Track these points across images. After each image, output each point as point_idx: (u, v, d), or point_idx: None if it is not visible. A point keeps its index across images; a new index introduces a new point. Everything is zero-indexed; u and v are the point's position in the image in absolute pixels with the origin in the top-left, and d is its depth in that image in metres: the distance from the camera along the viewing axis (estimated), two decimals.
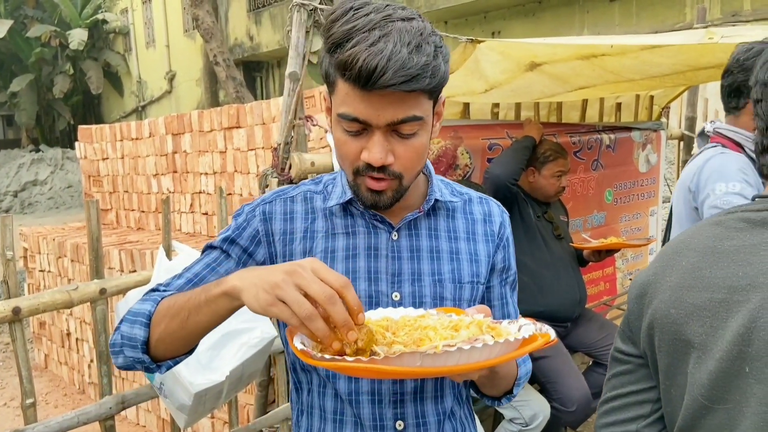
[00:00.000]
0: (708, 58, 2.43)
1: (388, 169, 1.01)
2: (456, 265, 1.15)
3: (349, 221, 1.15)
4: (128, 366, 1.06)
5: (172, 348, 1.03)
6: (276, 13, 14.73)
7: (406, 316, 0.95)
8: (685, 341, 0.88)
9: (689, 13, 8.45)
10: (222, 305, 0.92)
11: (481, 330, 0.87)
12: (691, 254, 0.93)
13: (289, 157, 2.52)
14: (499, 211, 1.25)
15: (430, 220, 1.17)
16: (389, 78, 0.91)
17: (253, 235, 1.15)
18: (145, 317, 1.02)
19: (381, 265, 1.12)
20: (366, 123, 0.98)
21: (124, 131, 5.74)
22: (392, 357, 0.78)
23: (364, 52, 0.91)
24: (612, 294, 4.20)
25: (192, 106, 17.45)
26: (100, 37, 20.60)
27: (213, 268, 1.13)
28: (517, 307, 1.28)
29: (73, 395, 5.08)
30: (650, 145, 4.35)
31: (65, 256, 5.06)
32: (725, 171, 1.86)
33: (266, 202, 1.18)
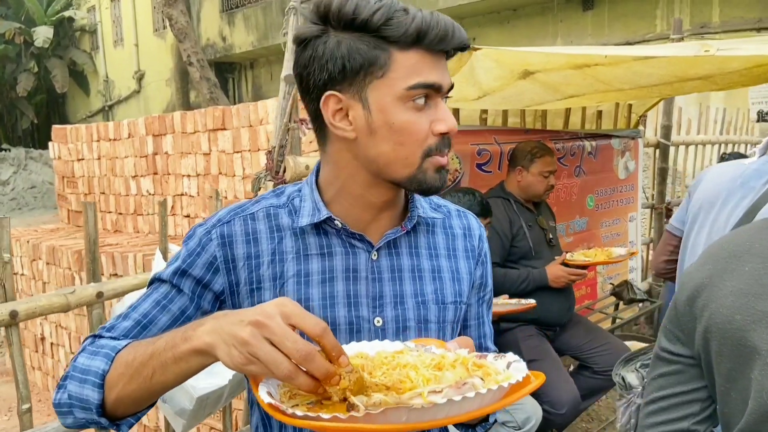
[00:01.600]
0: (696, 70, 2.50)
1: (450, 139, 0.97)
2: (439, 285, 1.07)
3: (324, 241, 1.03)
4: (79, 426, 0.95)
5: (134, 407, 0.92)
6: (250, 14, 14.62)
7: (383, 351, 0.85)
8: (752, 348, 0.87)
9: (659, 24, 8.68)
10: (194, 363, 0.82)
11: (467, 370, 0.79)
12: (756, 260, 0.92)
13: (284, 161, 2.52)
14: (477, 225, 1.18)
15: (411, 238, 1.08)
16: (459, 36, 0.93)
17: (210, 262, 1.01)
18: (98, 377, 0.89)
19: (361, 289, 1.02)
20: (436, 89, 0.94)
21: (101, 131, 5.64)
22: (374, 413, 0.69)
23: (430, 16, 0.91)
24: (593, 298, 4.29)
25: (161, 106, 17.19)
26: (66, 35, 20.14)
27: (164, 306, 1.00)
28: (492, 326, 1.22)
29: (47, 401, 4.95)
30: (629, 153, 4.45)
31: (40, 258, 4.94)
32: None
33: (223, 223, 1.03)
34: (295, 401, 0.77)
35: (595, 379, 3.03)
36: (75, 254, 4.53)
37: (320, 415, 0.69)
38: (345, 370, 0.74)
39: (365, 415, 0.69)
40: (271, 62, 15.47)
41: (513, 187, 3.02)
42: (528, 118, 3.70)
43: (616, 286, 4.07)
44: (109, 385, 0.89)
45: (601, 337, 3.10)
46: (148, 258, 4.05)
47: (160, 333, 0.94)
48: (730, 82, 2.63)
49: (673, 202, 4.96)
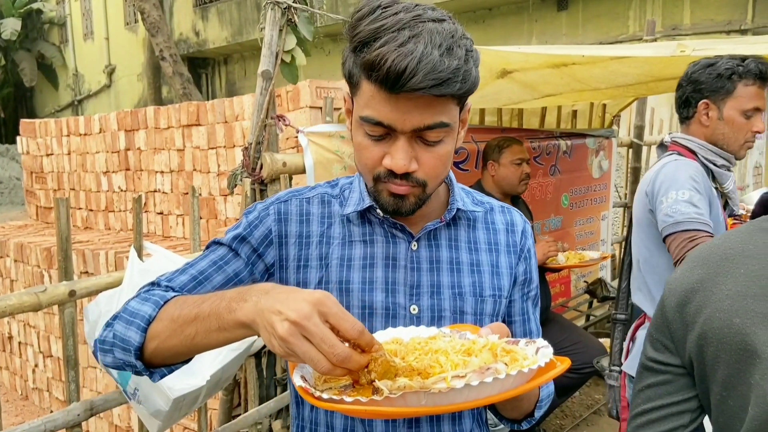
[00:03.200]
0: (671, 70, 2.54)
1: (411, 176, 0.96)
2: (477, 278, 1.10)
3: (367, 229, 1.09)
4: (117, 366, 0.99)
5: (170, 360, 0.96)
6: (224, 9, 14.46)
7: (417, 337, 0.89)
8: (752, 351, 0.85)
9: (632, 25, 8.80)
10: (239, 334, 0.86)
11: (494, 355, 0.81)
12: (751, 261, 0.90)
13: (261, 157, 2.49)
14: (522, 220, 1.19)
15: (451, 231, 1.11)
16: (419, 81, 0.86)
17: (265, 235, 1.08)
18: (144, 321, 0.94)
19: (399, 276, 1.07)
20: (390, 128, 0.93)
21: (71, 126, 5.52)
22: (393, 397, 0.72)
23: (393, 53, 0.86)
24: (567, 296, 4.33)
25: (133, 101, 16.92)
26: (34, 28, 19.69)
27: (220, 266, 1.06)
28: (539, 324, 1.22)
29: (15, 401, 4.85)
30: (603, 152, 4.51)
31: (7, 256, 4.82)
32: (677, 178, 1.94)
33: (281, 201, 1.11)
34: (328, 384, 0.81)
35: (569, 377, 3.06)
36: (44, 251, 4.43)
37: (343, 398, 0.73)
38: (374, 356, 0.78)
39: (385, 398, 0.72)
40: (245, 58, 15.32)
41: (489, 184, 3.03)
42: (505, 117, 3.72)
43: (589, 284, 4.12)
44: (151, 334, 0.93)
45: (575, 335, 3.14)
46: (120, 256, 3.98)
47: (213, 291, 1.02)
48: None
49: None
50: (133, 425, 3.93)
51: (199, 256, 1.09)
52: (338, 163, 2.61)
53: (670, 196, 1.91)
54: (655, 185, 2.00)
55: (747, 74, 1.94)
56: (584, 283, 4.29)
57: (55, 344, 4.49)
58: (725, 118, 2.00)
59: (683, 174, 1.95)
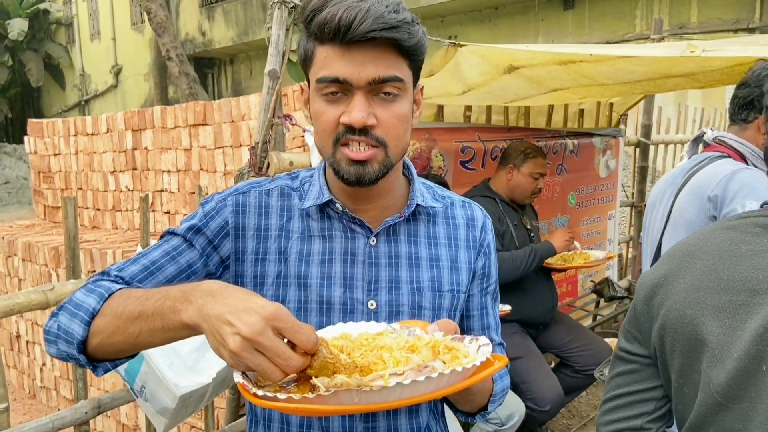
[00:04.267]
0: (679, 68, 2.53)
1: (371, 132, 0.95)
2: (436, 273, 1.10)
3: (326, 224, 1.08)
4: (62, 358, 0.98)
5: (114, 355, 0.94)
6: (230, 9, 14.48)
7: (365, 333, 0.89)
8: (700, 341, 0.91)
9: (639, 24, 8.77)
10: (183, 335, 0.85)
11: (436, 353, 0.82)
12: (706, 257, 0.96)
13: (267, 156, 2.49)
14: (482, 215, 1.19)
15: (410, 226, 1.11)
16: (369, 25, 0.89)
17: (222, 227, 1.06)
18: (88, 314, 0.92)
19: (357, 272, 1.06)
20: (347, 82, 0.93)
21: (78, 126, 5.54)
22: (326, 395, 0.72)
23: (342, 7, 0.90)
24: (574, 296, 4.32)
25: (139, 101, 16.98)
26: (41, 28, 19.78)
27: (173, 257, 1.04)
28: (498, 318, 1.23)
29: (23, 400, 4.87)
30: (610, 151, 4.49)
31: (15, 255, 4.84)
32: (757, 188, 1.80)
33: (239, 193, 1.09)
34: (269, 381, 0.80)
35: (575, 378, 3.05)
36: (52, 251, 4.44)
37: (277, 395, 0.72)
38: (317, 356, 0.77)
39: (317, 396, 0.72)
40: (251, 58, 15.35)
41: (500, 185, 3.02)
42: (511, 116, 3.71)
43: (597, 284, 4.10)
44: (94, 329, 0.91)
45: (582, 336, 3.13)
46: (128, 255, 3.99)
47: (166, 283, 1.01)
48: (711, 80, 2.66)
49: None
50: (140, 423, 3.94)
51: (153, 245, 1.07)
52: None
53: (749, 205, 1.78)
54: (727, 190, 1.84)
55: None
56: (591, 283, 4.27)
57: None
58: None
59: (763, 185, 1.80)
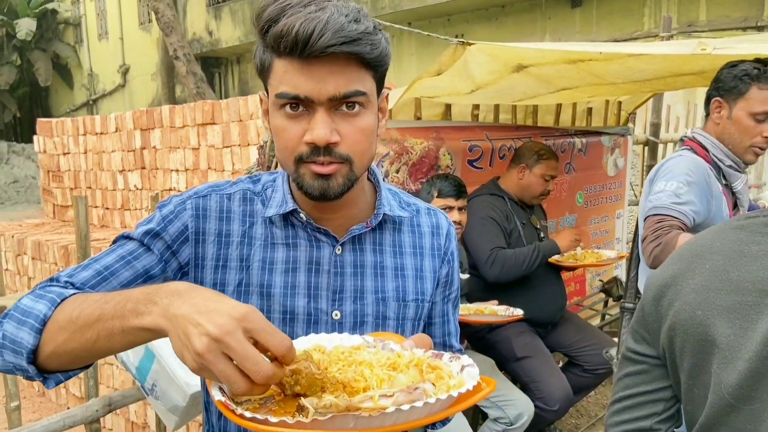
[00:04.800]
0: (690, 66, 2.52)
1: (334, 150, 0.91)
2: (401, 283, 1.08)
3: (290, 232, 1.04)
4: (7, 370, 0.89)
5: (68, 365, 0.87)
6: (236, 9, 14.52)
7: (340, 346, 0.85)
8: (711, 342, 0.90)
9: (647, 22, 8.73)
10: (143, 337, 0.78)
11: (421, 373, 0.79)
12: (716, 257, 0.95)
13: (276, 156, 2.50)
14: (446, 223, 1.18)
15: (376, 234, 1.09)
16: (328, 39, 0.84)
17: (181, 231, 1.01)
18: (38, 321, 0.84)
19: (322, 281, 1.03)
20: (307, 99, 0.89)
21: (87, 125, 5.57)
22: (322, 420, 0.68)
23: (300, 19, 0.85)
24: (582, 295, 4.31)
25: (147, 101, 17.04)
26: (49, 28, 19.88)
27: (128, 261, 0.97)
28: (458, 324, 1.23)
29: (32, 398, 4.89)
30: (618, 150, 4.47)
31: (25, 253, 4.87)
32: (671, 170, 2.00)
33: (200, 196, 1.04)
34: (247, 397, 0.75)
35: (584, 377, 3.04)
36: (61, 249, 4.47)
37: (268, 418, 0.67)
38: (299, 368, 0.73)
39: (313, 421, 0.68)
40: None
41: (510, 184, 3.01)
42: (519, 115, 3.70)
43: (605, 283, 4.09)
44: (46, 337, 0.84)
45: (591, 335, 3.12)
46: None
47: (120, 289, 0.94)
48: None
49: None
50: (149, 422, 3.95)
51: (105, 251, 1.01)
52: None
53: (659, 186, 1.98)
54: (656, 175, 2.07)
55: (763, 78, 1.95)
56: (599, 282, 4.26)
57: None
58: (734, 117, 2.04)
59: (679, 168, 2.00)
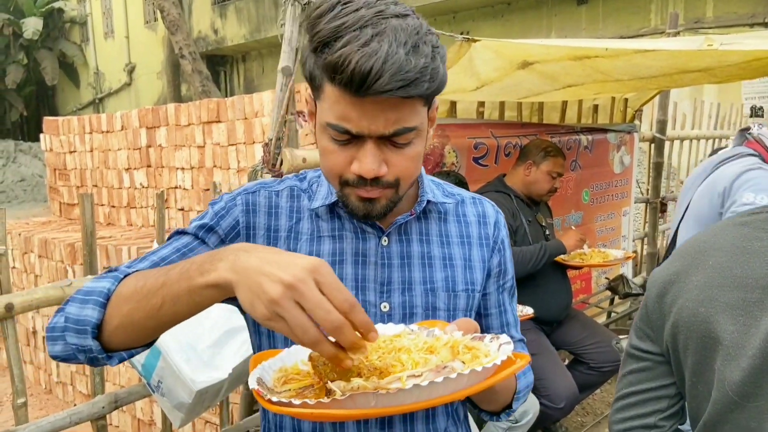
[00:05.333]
0: (696, 63, 2.50)
1: (381, 180, 0.92)
2: (450, 273, 1.07)
3: (336, 224, 1.05)
4: (66, 356, 0.90)
5: (133, 338, 0.88)
6: (242, 7, 14.52)
7: (382, 335, 0.85)
8: (714, 338, 0.90)
9: (654, 19, 8.69)
10: (208, 297, 0.79)
11: (455, 353, 0.79)
12: (719, 254, 0.95)
13: (281, 153, 2.49)
14: (494, 211, 1.16)
15: (421, 224, 1.08)
16: (385, 83, 0.81)
17: (233, 226, 1.04)
18: (102, 296, 0.86)
19: (369, 273, 1.03)
20: (358, 135, 0.89)
21: (93, 123, 5.58)
22: (341, 399, 0.69)
23: (357, 53, 0.81)
24: (587, 293, 4.29)
25: (153, 99, 17.08)
26: (55, 27, 19.94)
27: (184, 253, 0.99)
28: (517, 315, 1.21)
29: (39, 395, 4.92)
30: (624, 147, 4.45)
31: (32, 251, 4.90)
32: (759, 183, 1.86)
33: (249, 192, 1.07)
34: (287, 386, 0.78)
35: (589, 375, 3.04)
36: (68, 247, 4.49)
37: (292, 401, 0.70)
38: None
39: (332, 400, 0.69)
40: (263, 55, 15.39)
41: (516, 181, 3.01)
42: (525, 112, 3.69)
43: (611, 281, 4.08)
44: (112, 306, 0.86)
45: (597, 333, 3.11)
46: (142, 251, 4.02)
47: None
48: (728, 74, 2.63)
49: (667, 197, 4.97)
50: (155, 419, 3.97)
51: (162, 245, 1.04)
52: None
53: (746, 197, 1.84)
54: (733, 186, 1.92)
55: None
56: (605, 280, 4.25)
57: None
58: None
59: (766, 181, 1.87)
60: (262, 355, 0.88)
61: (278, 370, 0.83)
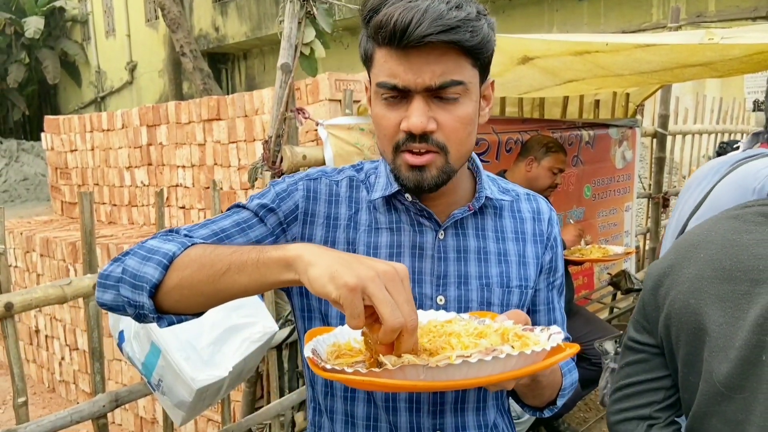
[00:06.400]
0: (697, 57, 2.48)
1: (431, 137, 0.93)
2: (504, 268, 1.08)
3: (394, 216, 1.06)
4: (115, 306, 0.89)
5: (187, 302, 0.86)
6: (243, 4, 14.51)
7: (434, 320, 0.88)
8: (703, 330, 0.91)
9: (656, 13, 8.65)
10: (274, 274, 0.79)
11: (504, 339, 0.80)
12: (710, 246, 0.96)
13: (281, 150, 2.49)
14: (548, 208, 1.17)
15: (477, 219, 1.09)
16: (425, 28, 0.85)
17: (292, 210, 1.04)
18: (167, 258, 0.85)
19: (426, 266, 1.04)
20: (405, 89, 0.91)
21: (94, 122, 5.58)
22: (392, 369, 0.71)
23: (400, 8, 0.87)
24: (590, 288, 4.28)
25: (154, 97, 17.08)
26: (57, 26, 19.95)
27: (243, 229, 0.99)
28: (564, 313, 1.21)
29: (42, 394, 4.93)
30: (626, 142, 4.44)
31: (34, 250, 4.90)
32: None
33: (311, 179, 1.08)
34: (340, 360, 0.79)
35: (592, 370, 3.03)
36: (69, 246, 4.49)
37: (345, 369, 0.72)
38: None
39: (383, 370, 0.71)
40: (264, 53, 15.37)
41: (517, 177, 3.00)
42: (526, 108, 3.67)
43: (613, 276, 4.06)
44: (173, 273, 0.85)
45: (599, 329, 3.10)
46: None
47: None
48: (730, 69, 2.61)
49: (670, 192, 4.95)
50: (158, 417, 3.97)
51: (220, 215, 1.03)
52: (358, 155, 2.60)
53: None
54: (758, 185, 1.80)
55: None
56: (608, 275, 4.24)
57: (81, 337, 4.56)
58: None
59: None
60: (315, 331, 0.89)
61: (332, 345, 0.84)
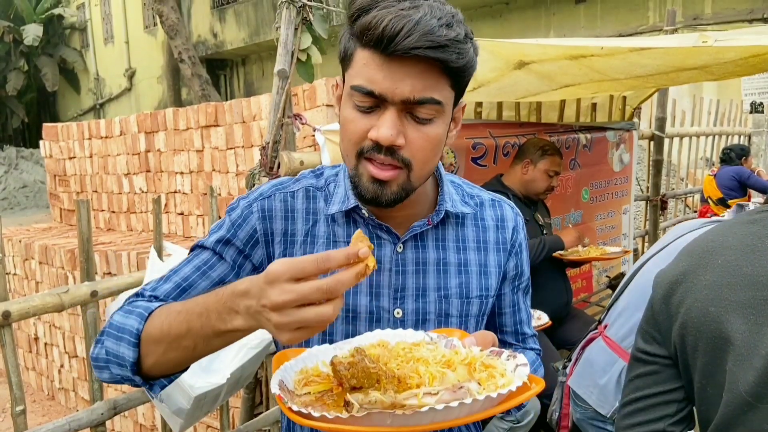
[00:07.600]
0: (693, 60, 2.49)
1: (397, 152, 0.90)
2: (464, 279, 1.06)
3: (352, 229, 1.04)
4: (116, 381, 0.96)
5: (171, 370, 0.92)
6: (241, 11, 14.55)
7: (402, 342, 0.88)
8: (725, 339, 0.88)
9: (652, 16, 8.68)
10: (239, 336, 0.84)
11: (471, 371, 0.81)
12: (728, 252, 0.93)
13: (278, 156, 2.49)
14: (513, 214, 1.15)
15: (438, 231, 1.07)
16: (414, 40, 0.82)
17: (251, 235, 1.03)
18: (133, 336, 0.90)
19: (384, 279, 1.03)
20: (381, 97, 0.88)
21: (92, 129, 5.59)
22: (359, 416, 0.72)
23: (391, 14, 0.84)
24: (588, 291, 4.28)
25: (153, 104, 17.10)
26: (55, 33, 20.00)
27: (204, 272, 1.01)
28: (530, 310, 1.21)
29: (42, 401, 4.92)
30: (623, 145, 4.44)
31: (32, 258, 4.90)
32: None
33: (264, 197, 1.06)
34: (307, 389, 0.79)
35: None
36: (68, 253, 4.49)
37: (311, 412, 0.72)
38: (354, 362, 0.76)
39: (350, 417, 0.72)
40: (262, 58, 15.40)
41: (513, 180, 3.00)
42: (523, 111, 3.68)
43: (612, 279, 4.06)
44: (145, 350, 0.89)
45: None
46: (142, 256, 4.02)
47: None
48: (725, 72, 2.61)
49: (667, 195, 4.96)
50: (157, 424, 3.97)
51: (183, 261, 1.05)
52: None
53: None
54: None
55: None
56: (606, 278, 4.24)
57: (80, 345, 4.55)
58: None
59: None
60: (283, 354, 0.89)
61: (299, 372, 0.84)
